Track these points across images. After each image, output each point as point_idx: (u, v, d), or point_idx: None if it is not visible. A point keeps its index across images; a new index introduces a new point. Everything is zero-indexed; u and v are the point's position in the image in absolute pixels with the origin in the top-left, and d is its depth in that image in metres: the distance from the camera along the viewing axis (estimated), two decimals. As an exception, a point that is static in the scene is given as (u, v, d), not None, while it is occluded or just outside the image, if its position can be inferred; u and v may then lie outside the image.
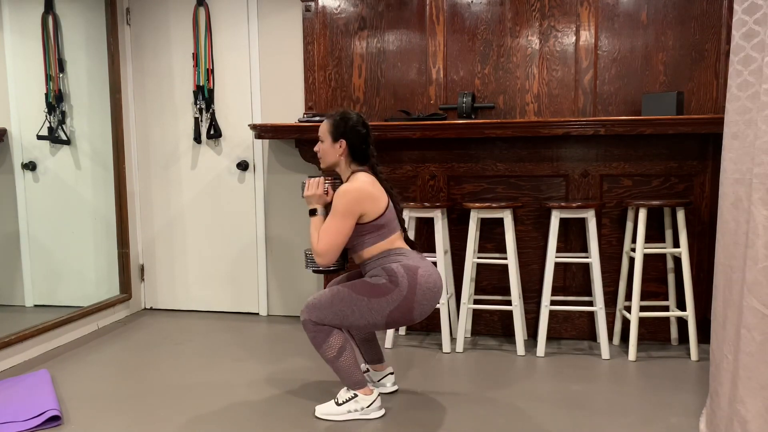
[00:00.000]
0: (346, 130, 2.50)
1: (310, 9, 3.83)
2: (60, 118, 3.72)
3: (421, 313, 2.41)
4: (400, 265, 2.40)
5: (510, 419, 2.49)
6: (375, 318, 2.38)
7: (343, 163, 2.54)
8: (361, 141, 2.52)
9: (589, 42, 3.52)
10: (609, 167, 3.44)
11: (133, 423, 2.48)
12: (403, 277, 2.37)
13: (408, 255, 2.46)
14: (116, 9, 3.99)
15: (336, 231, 2.38)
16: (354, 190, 2.40)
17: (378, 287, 2.38)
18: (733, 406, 1.98)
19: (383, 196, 2.48)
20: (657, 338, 3.47)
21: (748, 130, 1.97)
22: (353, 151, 2.52)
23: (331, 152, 2.53)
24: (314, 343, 2.45)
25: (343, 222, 2.38)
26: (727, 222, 2.05)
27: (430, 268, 2.44)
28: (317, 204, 2.51)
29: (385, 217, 2.46)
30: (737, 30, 2.00)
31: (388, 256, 2.45)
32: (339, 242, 2.39)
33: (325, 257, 2.39)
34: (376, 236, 2.45)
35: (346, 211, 2.38)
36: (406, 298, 2.36)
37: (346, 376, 2.47)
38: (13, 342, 3.17)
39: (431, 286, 2.41)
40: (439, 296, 2.45)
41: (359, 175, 2.49)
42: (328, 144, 2.53)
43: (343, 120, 2.51)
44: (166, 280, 4.30)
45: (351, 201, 2.39)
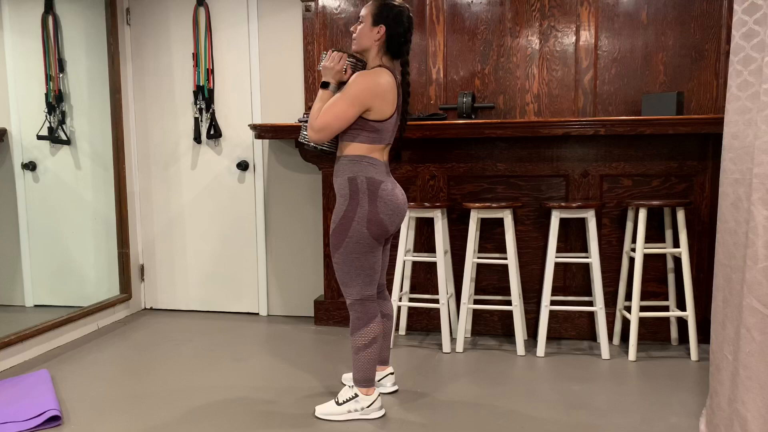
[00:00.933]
0: (389, 16, 2.41)
1: (310, 9, 3.83)
2: (60, 118, 3.72)
3: (391, 224, 2.43)
4: (365, 177, 2.39)
5: (510, 419, 2.49)
6: (368, 244, 2.40)
7: (375, 50, 2.44)
8: (402, 33, 2.43)
9: (589, 42, 3.52)
10: (609, 167, 3.44)
11: (133, 423, 2.48)
12: (364, 192, 2.38)
13: (378, 167, 2.43)
14: (116, 9, 3.99)
15: (339, 112, 2.34)
16: (373, 81, 2.34)
17: (344, 225, 2.39)
18: (733, 406, 1.98)
19: (394, 104, 2.42)
20: (657, 338, 3.47)
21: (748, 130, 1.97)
22: (389, 41, 2.42)
23: (367, 35, 2.43)
24: (355, 325, 2.46)
25: (349, 107, 2.34)
26: (727, 222, 2.05)
27: (392, 185, 2.45)
28: (332, 78, 2.44)
29: (385, 125, 2.41)
30: (737, 30, 2.00)
31: (360, 161, 2.41)
32: (336, 125, 2.36)
33: (319, 134, 2.37)
34: (366, 137, 2.40)
35: (357, 97, 2.33)
36: (370, 212, 2.38)
37: (363, 369, 2.47)
38: (13, 342, 3.17)
39: (393, 198, 2.42)
40: (403, 209, 2.47)
41: (383, 71, 2.39)
42: (367, 26, 2.43)
43: (388, 5, 2.42)
44: (166, 280, 4.30)
45: (365, 89, 2.33)
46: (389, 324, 2.72)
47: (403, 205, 2.48)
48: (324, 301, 3.86)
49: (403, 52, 2.47)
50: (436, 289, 3.67)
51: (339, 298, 3.84)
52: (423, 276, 3.72)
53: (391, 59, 2.47)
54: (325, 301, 3.86)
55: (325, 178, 3.77)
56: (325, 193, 3.78)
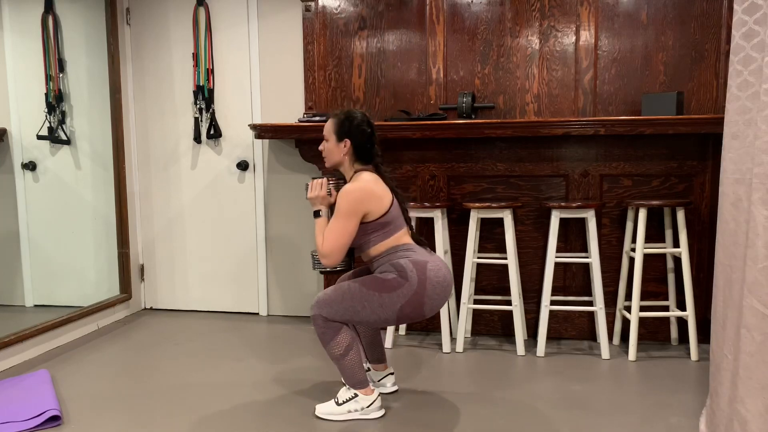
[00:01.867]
0: (351, 129, 2.49)
1: (310, 9, 3.83)
2: (60, 118, 3.72)
3: (431, 308, 2.40)
4: (409, 260, 2.39)
5: (510, 419, 2.49)
6: (386, 314, 2.38)
7: (347, 162, 2.53)
8: (366, 140, 2.51)
9: (589, 42, 3.52)
10: (609, 167, 3.44)
11: (133, 423, 2.48)
12: (413, 272, 2.36)
13: (416, 250, 2.46)
14: (116, 9, 3.99)
15: (340, 231, 2.38)
16: (357, 190, 2.40)
17: (388, 282, 2.37)
18: (733, 406, 1.98)
19: (387, 194, 2.47)
20: (657, 338, 3.47)
21: (748, 130, 1.97)
22: (358, 151, 2.51)
23: (335, 151, 2.52)
24: (322, 339, 2.45)
25: (347, 222, 2.38)
26: (727, 222, 2.05)
27: (439, 263, 2.44)
28: (321, 205, 2.50)
29: (390, 215, 2.45)
30: (737, 30, 2.00)
31: (395, 252, 2.44)
32: (344, 242, 2.38)
33: (331, 258, 2.39)
34: (382, 234, 2.45)
35: (350, 210, 2.38)
36: (416, 293, 2.35)
37: (350, 375, 2.47)
38: (13, 342, 3.17)
39: (441, 281, 2.40)
40: (450, 290, 2.45)
41: (363, 174, 2.48)
42: (332, 143, 2.52)
43: (348, 119, 2.50)
44: (166, 280, 4.30)
45: (354, 201, 2.38)
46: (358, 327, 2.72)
47: (450, 285, 2.45)
48: (324, 301, 3.86)
49: (373, 155, 2.55)
50: (436, 289, 3.66)
51: (339, 298, 3.84)
52: (423, 276, 3.72)
53: (363, 164, 2.53)
54: (325, 301, 3.86)
55: (325, 178, 3.77)
56: (325, 193, 3.78)
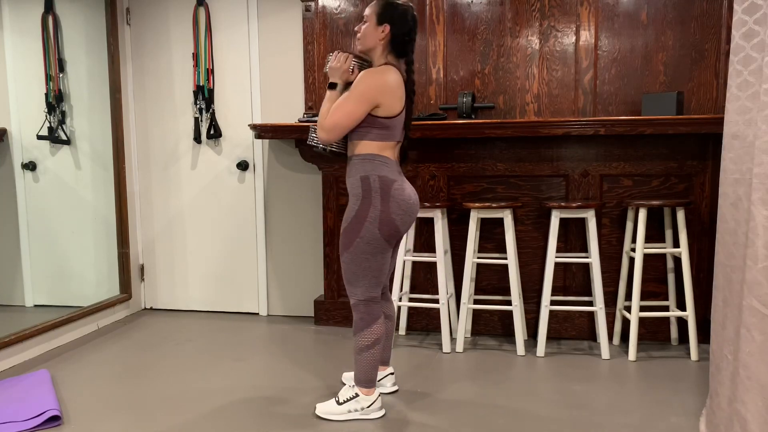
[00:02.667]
0: (394, 15, 2.41)
1: (310, 9, 3.83)
2: (60, 118, 3.72)
3: (403, 224, 2.43)
4: (377, 176, 2.39)
5: (510, 419, 2.49)
6: (378, 244, 2.40)
7: (380, 49, 2.45)
8: (406, 32, 2.44)
9: (589, 42, 3.52)
10: (609, 167, 3.44)
11: (133, 423, 2.48)
12: (376, 191, 2.38)
13: (390, 166, 2.43)
14: (116, 9, 3.99)
15: (348, 111, 2.35)
16: (380, 78, 2.35)
17: (356, 224, 2.39)
18: (733, 406, 1.98)
19: (402, 101, 2.43)
20: (657, 338, 3.47)
21: (748, 130, 1.97)
22: (394, 41, 2.43)
23: (372, 35, 2.43)
24: (358, 326, 2.46)
25: (358, 105, 2.34)
26: (727, 222, 2.06)
27: (405, 183, 2.46)
28: (339, 79, 2.45)
29: (394, 121, 2.42)
30: (737, 30, 2.00)
31: (372, 160, 2.41)
32: (347, 123, 2.36)
33: (329, 134, 2.37)
34: (376, 134, 2.40)
35: (365, 94, 2.34)
36: (383, 212, 2.38)
37: (365, 370, 2.47)
38: (13, 342, 3.17)
39: (405, 198, 2.42)
40: (415, 209, 2.47)
41: (390, 68, 2.41)
42: (371, 25, 2.44)
43: (392, 5, 2.43)
44: (166, 280, 4.30)
45: (373, 87, 2.34)
46: (391, 325, 2.72)
47: (416, 205, 2.48)
48: (324, 301, 3.86)
49: (408, 51, 2.48)
50: (436, 289, 3.67)
51: (339, 298, 3.84)
52: (423, 276, 3.72)
53: (396, 58, 2.47)
54: (325, 301, 3.86)
55: (325, 178, 3.77)
56: (325, 193, 3.78)
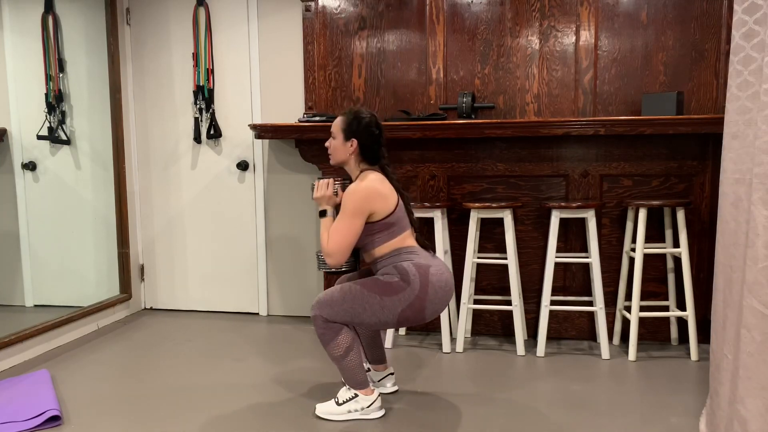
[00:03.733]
0: (359, 129, 2.48)
1: (310, 9, 3.83)
2: (60, 118, 3.72)
3: (432, 312, 2.40)
4: (412, 264, 2.39)
5: (510, 419, 2.49)
6: (387, 316, 2.38)
7: (352, 161, 2.52)
8: (373, 141, 2.50)
9: (589, 42, 3.52)
10: (609, 167, 3.44)
11: (133, 423, 2.48)
12: (415, 276, 2.36)
13: (419, 253, 2.46)
14: (116, 9, 3.99)
15: (346, 230, 2.37)
16: (363, 189, 2.39)
17: (390, 285, 2.37)
18: (733, 406, 1.98)
19: (393, 194, 2.47)
20: (657, 338, 3.47)
21: (748, 130, 1.97)
22: (364, 151, 2.50)
23: (341, 150, 2.51)
24: (322, 340, 2.45)
25: (353, 221, 2.37)
26: (727, 222, 2.05)
27: (442, 267, 2.44)
28: (327, 205, 2.50)
29: (395, 216, 2.45)
30: (737, 30, 2.00)
31: (399, 254, 2.44)
32: (349, 242, 2.38)
33: (336, 257, 2.38)
34: (387, 235, 2.44)
35: (355, 210, 2.37)
36: (418, 297, 2.35)
37: (350, 375, 2.47)
38: (13, 342, 3.17)
39: (443, 285, 2.40)
40: (451, 295, 2.45)
41: (368, 173, 2.48)
42: (339, 141, 2.51)
43: (357, 119, 2.49)
44: (166, 280, 4.30)
45: (360, 200, 2.38)
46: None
47: (452, 290, 2.45)
48: (324, 301, 3.86)
49: (380, 157, 2.54)
50: (436, 289, 3.66)
51: (339, 298, 3.84)
52: (423, 276, 3.72)
53: (369, 165, 2.53)
54: (325, 301, 3.86)
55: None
56: (325, 193, 3.78)
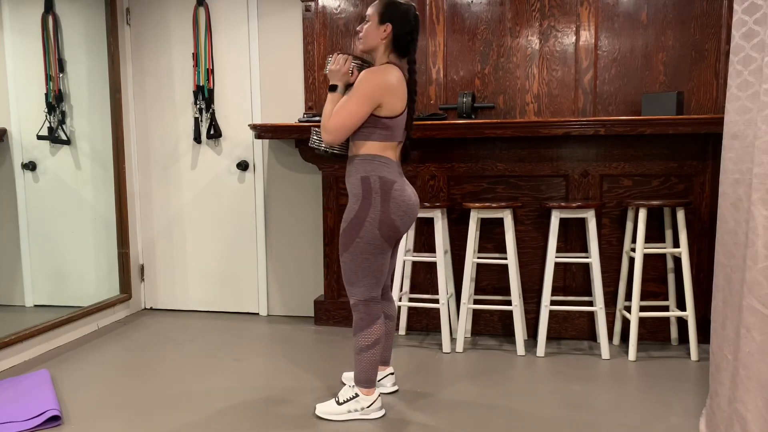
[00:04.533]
0: (396, 14, 2.41)
1: (310, 9, 3.83)
2: (60, 118, 3.72)
3: (403, 224, 2.43)
4: (378, 177, 2.39)
5: (510, 419, 2.49)
6: (379, 246, 2.40)
7: (382, 49, 2.45)
8: (407, 31, 2.44)
9: (589, 42, 3.52)
10: (609, 167, 3.44)
11: (133, 423, 2.48)
12: (377, 192, 2.38)
13: (390, 167, 2.43)
14: (116, 9, 3.99)
15: (351, 111, 2.34)
16: (382, 78, 2.35)
17: (356, 225, 2.39)
18: (733, 406, 1.98)
19: (404, 100, 2.43)
20: (657, 338, 3.47)
21: (748, 130, 1.97)
22: (396, 40, 2.43)
23: (374, 34, 2.43)
24: (358, 326, 2.46)
25: (361, 105, 2.33)
26: (727, 222, 2.06)
27: (404, 184, 2.46)
28: (339, 81, 2.45)
29: (395, 122, 2.41)
30: (737, 30, 2.00)
31: (372, 161, 2.41)
32: (350, 123, 2.35)
33: (333, 135, 2.36)
34: (378, 135, 2.40)
35: (367, 94, 2.33)
36: (382, 213, 2.38)
37: (365, 370, 2.47)
38: (13, 342, 3.17)
39: (405, 199, 2.42)
40: (415, 210, 2.47)
41: (392, 67, 2.41)
42: (373, 24, 2.44)
43: (395, 4, 2.43)
44: (166, 280, 4.30)
45: (375, 86, 2.33)
46: (391, 325, 2.72)
47: (416, 205, 2.48)
48: (324, 301, 3.86)
49: (410, 51, 2.48)
50: (436, 289, 3.67)
51: (339, 298, 3.84)
52: (423, 276, 3.72)
53: (398, 57, 2.47)
54: (325, 301, 3.86)
55: (325, 178, 3.77)
56: (325, 193, 3.78)
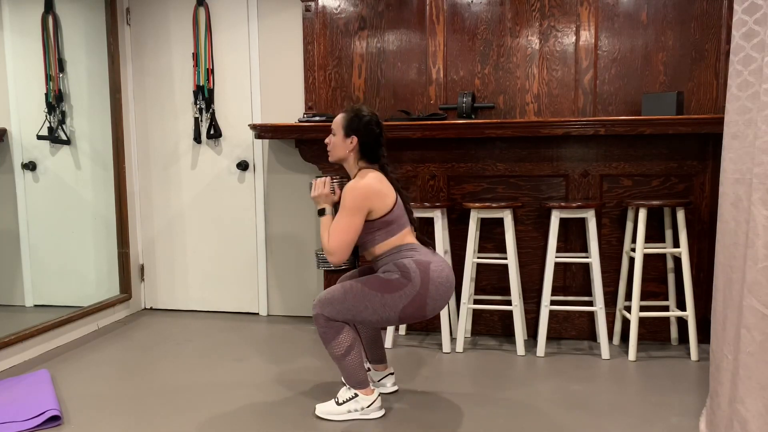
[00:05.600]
0: (359, 126, 2.48)
1: (310, 9, 3.83)
2: (60, 118, 3.72)
3: (434, 309, 2.40)
4: (412, 260, 2.39)
5: (510, 419, 2.49)
6: (388, 314, 2.38)
7: (351, 159, 2.52)
8: (374, 140, 2.50)
9: (589, 42, 3.52)
10: (609, 167, 3.44)
11: (133, 423, 2.48)
12: (416, 272, 2.36)
13: (419, 250, 2.45)
14: (116, 9, 3.99)
15: (346, 228, 2.37)
16: (362, 187, 2.39)
17: (391, 282, 2.37)
18: (733, 406, 1.98)
19: (391, 192, 2.47)
20: (657, 338, 3.47)
21: (748, 130, 1.97)
22: (364, 149, 2.50)
23: (341, 147, 2.51)
24: (323, 338, 2.44)
25: (352, 218, 2.37)
26: (727, 222, 2.05)
27: (442, 263, 2.44)
28: (325, 203, 2.51)
29: (394, 214, 2.45)
30: (737, 30, 2.00)
31: (399, 251, 2.44)
32: (349, 239, 2.38)
33: (337, 255, 2.38)
34: (386, 232, 2.44)
35: (355, 207, 2.37)
36: (419, 293, 2.35)
37: (351, 374, 2.47)
38: (13, 342, 3.17)
39: (443, 281, 2.40)
40: (452, 291, 2.44)
41: (367, 172, 2.47)
42: (339, 138, 2.51)
43: (358, 116, 2.49)
44: (166, 280, 4.30)
45: (359, 197, 2.38)
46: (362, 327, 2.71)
47: (452, 287, 2.45)
48: (324, 301, 3.86)
49: (379, 156, 2.54)
50: (436, 289, 3.66)
51: (339, 298, 3.84)
52: (423, 276, 3.72)
53: (368, 164, 2.53)
54: (325, 301, 3.86)
55: (325, 178, 3.77)
56: (325, 193, 3.78)
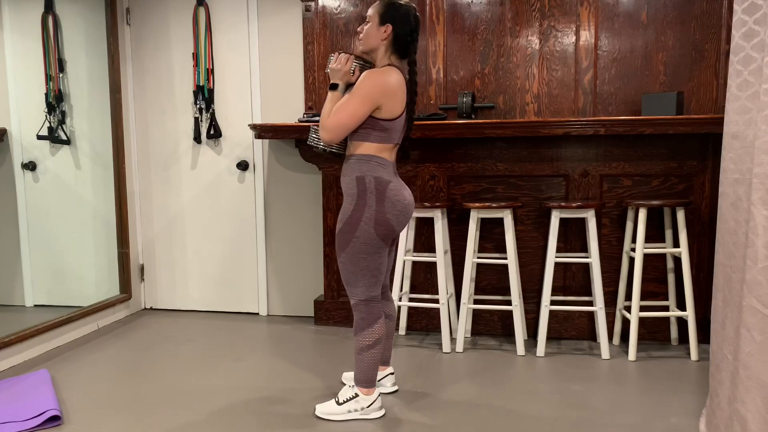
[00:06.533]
0: (396, 15, 2.41)
1: (310, 9, 3.83)
2: (60, 118, 3.72)
3: (398, 224, 2.44)
4: (373, 177, 2.40)
5: (510, 419, 2.49)
6: (375, 244, 2.40)
7: (382, 50, 2.45)
8: (408, 32, 2.44)
9: (589, 42, 3.52)
10: (609, 167, 3.44)
11: (133, 423, 2.48)
12: (372, 192, 2.38)
13: (386, 167, 2.44)
14: (116, 9, 3.99)
15: (351, 112, 2.34)
16: (383, 80, 2.35)
17: (351, 225, 2.39)
18: (733, 406, 1.98)
19: (403, 103, 2.43)
20: (657, 338, 3.47)
21: (748, 130, 1.97)
22: (396, 41, 2.43)
23: (374, 35, 2.43)
24: (358, 327, 2.46)
25: (361, 105, 2.33)
26: (727, 222, 2.06)
27: (401, 186, 2.46)
28: (340, 80, 2.44)
29: (393, 124, 2.41)
30: (737, 30, 2.00)
31: (369, 161, 2.42)
32: (349, 123, 2.35)
33: (332, 133, 2.36)
34: (376, 136, 2.41)
35: (368, 96, 2.33)
36: (378, 212, 2.38)
37: (364, 370, 2.47)
38: (13, 342, 3.17)
39: (401, 199, 2.43)
40: (410, 210, 2.48)
41: (393, 70, 2.41)
42: (373, 25, 2.43)
43: (395, 5, 2.43)
44: (166, 280, 4.30)
45: (376, 88, 2.33)
46: (391, 325, 2.72)
47: (411, 205, 2.49)
48: (324, 301, 3.86)
49: (410, 51, 2.48)
50: (436, 289, 3.67)
51: (339, 298, 3.84)
52: (423, 276, 3.72)
53: (398, 59, 2.47)
54: (325, 301, 3.86)
55: (325, 178, 3.77)
56: (325, 193, 3.78)
